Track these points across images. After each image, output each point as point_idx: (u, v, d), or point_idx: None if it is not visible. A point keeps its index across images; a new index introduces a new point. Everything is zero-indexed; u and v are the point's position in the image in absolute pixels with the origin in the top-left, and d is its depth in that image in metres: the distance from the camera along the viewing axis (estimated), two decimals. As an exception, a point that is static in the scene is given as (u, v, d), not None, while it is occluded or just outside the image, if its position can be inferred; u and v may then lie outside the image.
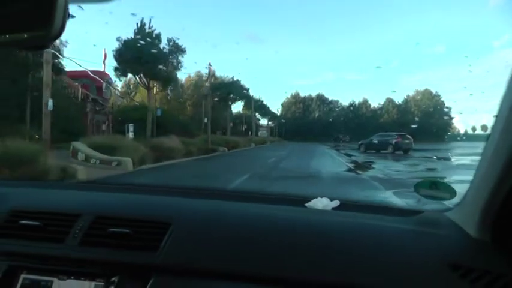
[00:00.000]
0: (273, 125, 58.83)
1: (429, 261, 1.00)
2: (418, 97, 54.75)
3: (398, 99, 57.00)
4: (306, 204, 1.36)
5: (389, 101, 56.73)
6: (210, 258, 1.07)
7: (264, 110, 54.20)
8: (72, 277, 1.11)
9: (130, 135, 21.26)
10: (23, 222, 1.19)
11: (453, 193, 1.22)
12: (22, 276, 1.12)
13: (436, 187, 1.25)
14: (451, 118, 47.54)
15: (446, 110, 50.30)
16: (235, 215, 1.24)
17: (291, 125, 57.02)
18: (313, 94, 61.49)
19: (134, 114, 26.27)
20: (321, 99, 60.11)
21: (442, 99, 51.85)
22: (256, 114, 57.38)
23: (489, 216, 0.98)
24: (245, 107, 49.23)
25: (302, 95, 62.46)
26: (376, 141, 23.31)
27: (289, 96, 63.71)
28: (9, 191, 1.46)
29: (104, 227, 1.15)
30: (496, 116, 0.94)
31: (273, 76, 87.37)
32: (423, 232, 1.13)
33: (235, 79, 40.13)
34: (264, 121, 58.75)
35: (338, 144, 38.01)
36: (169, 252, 1.08)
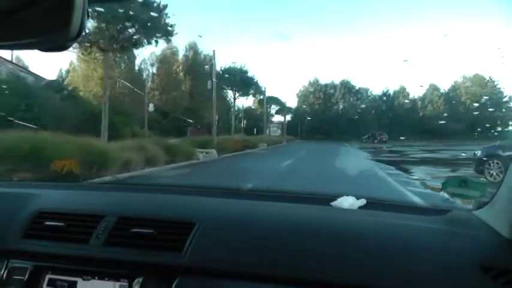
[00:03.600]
0: (282, 121, 55.78)
1: (460, 262, 1.21)
2: (467, 84, 53.42)
3: (444, 87, 56.09)
4: (332, 203, 1.65)
5: (433, 88, 55.16)
6: (235, 259, 1.32)
7: (250, 87, 43.52)
8: (97, 277, 1.39)
9: None
10: (48, 223, 1.50)
11: (483, 191, 1.50)
12: (47, 276, 1.41)
13: (465, 185, 1.52)
14: (513, 109, 45.87)
15: (505, 99, 48.72)
16: (259, 215, 1.52)
17: (310, 120, 55.41)
18: (337, 81, 58.94)
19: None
20: (346, 86, 57.96)
21: (498, 86, 50.29)
22: (270, 108, 51.59)
23: None
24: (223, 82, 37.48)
25: (323, 82, 59.79)
26: None
27: (306, 84, 60.92)
28: (36, 192, 1.79)
29: (127, 228, 1.43)
30: None
31: (295, 70, 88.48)
32: (453, 232, 1.36)
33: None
34: (277, 117, 54.99)
35: (375, 147, 33.75)
36: (194, 253, 1.34)
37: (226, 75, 40.17)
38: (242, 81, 41.35)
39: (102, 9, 14.00)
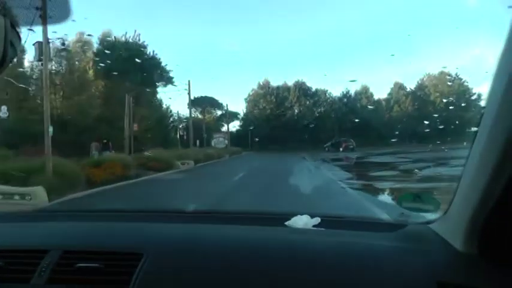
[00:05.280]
0: (225, 130, 54.16)
1: (416, 280, 1.35)
2: (433, 82, 55.02)
3: (410, 84, 56.89)
4: (286, 223, 1.82)
5: (399, 86, 56.20)
6: None
7: (153, 75, 37.60)
8: None
9: None
10: None
11: (437, 205, 1.72)
12: None
13: (419, 199, 1.74)
14: (482, 108, 47.05)
15: (474, 98, 49.12)
16: (211, 241, 1.65)
17: (261, 128, 54.93)
18: (290, 82, 59.35)
19: None
20: (301, 88, 58.35)
21: (466, 84, 51.31)
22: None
23: (476, 226, 1.31)
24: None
25: (274, 84, 60.02)
26: None
27: (255, 87, 60.99)
28: None
29: (72, 263, 1.51)
30: (479, 122, 1.26)
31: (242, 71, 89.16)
32: (408, 248, 1.52)
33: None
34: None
35: (341, 157, 31.95)
36: (141, 287, 1.43)
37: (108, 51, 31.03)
38: (139, 64, 32.53)
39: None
